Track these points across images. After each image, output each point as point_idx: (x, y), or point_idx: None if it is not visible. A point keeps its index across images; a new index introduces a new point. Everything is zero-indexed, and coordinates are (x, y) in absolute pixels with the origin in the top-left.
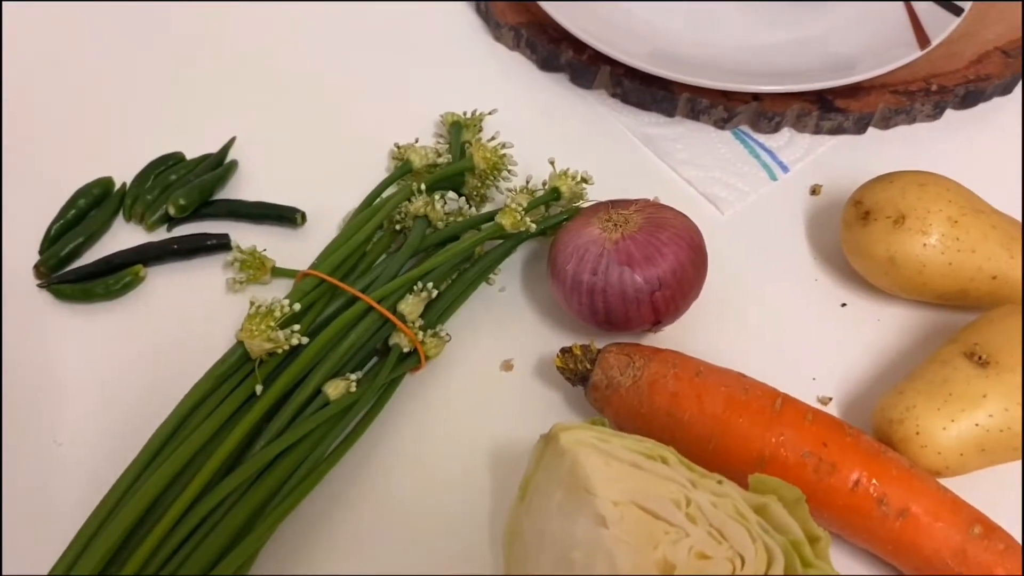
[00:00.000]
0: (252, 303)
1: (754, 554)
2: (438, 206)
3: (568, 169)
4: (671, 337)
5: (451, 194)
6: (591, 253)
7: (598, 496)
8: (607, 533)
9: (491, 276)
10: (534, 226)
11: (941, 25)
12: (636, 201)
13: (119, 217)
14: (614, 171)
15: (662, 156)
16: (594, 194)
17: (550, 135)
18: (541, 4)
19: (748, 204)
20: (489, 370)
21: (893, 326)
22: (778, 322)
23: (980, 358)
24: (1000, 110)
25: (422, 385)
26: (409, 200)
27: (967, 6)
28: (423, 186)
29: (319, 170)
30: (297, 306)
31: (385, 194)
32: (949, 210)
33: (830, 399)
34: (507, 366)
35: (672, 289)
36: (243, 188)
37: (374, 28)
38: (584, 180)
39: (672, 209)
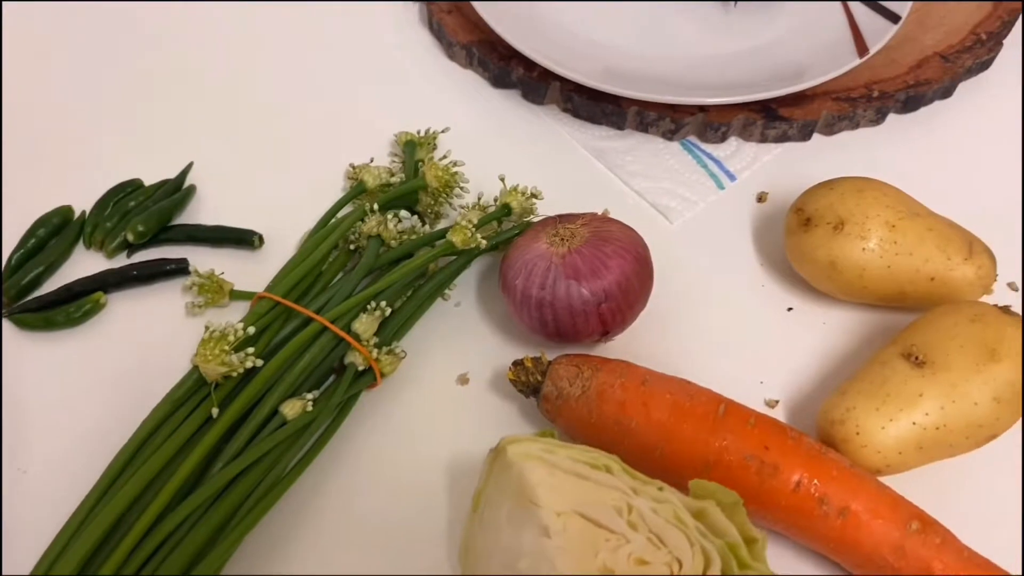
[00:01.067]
0: (207, 328)
1: (691, 557)
2: (391, 225)
3: (518, 185)
4: (623, 346)
5: (404, 212)
6: (539, 268)
7: (542, 507)
8: (550, 543)
9: (446, 291)
10: (484, 242)
11: (879, 33)
12: (583, 215)
13: (79, 244)
14: (566, 184)
15: (613, 169)
16: (548, 208)
17: (504, 150)
18: (491, 24)
19: (697, 213)
20: (446, 384)
21: (837, 328)
22: (727, 328)
23: (917, 358)
24: (940, 113)
25: (380, 401)
26: (363, 220)
27: (905, 12)
28: (376, 206)
29: (276, 192)
30: (251, 329)
31: (340, 214)
32: (886, 215)
33: (777, 402)
34: (463, 380)
35: (618, 300)
36: (202, 212)
37: (329, 48)
38: (534, 195)
39: (618, 222)
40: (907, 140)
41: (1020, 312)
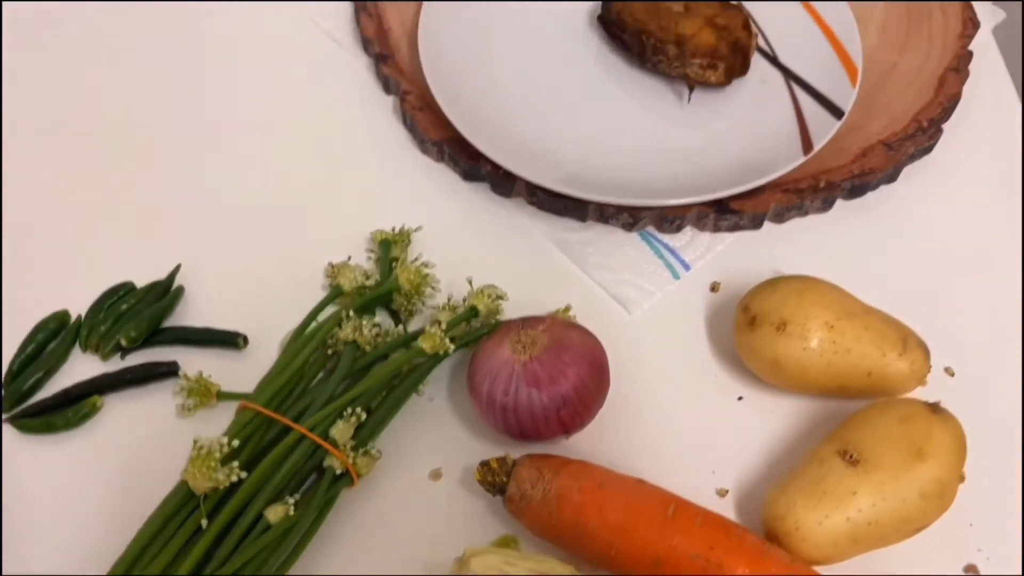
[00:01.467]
0: (195, 442)
1: None
2: (365, 331)
3: (484, 288)
4: (584, 439)
5: (377, 320)
6: (503, 375)
7: None
8: None
9: (420, 387)
10: (452, 347)
11: (824, 129)
12: (544, 319)
13: (76, 347)
14: (533, 275)
15: (576, 260)
16: (516, 296)
17: (474, 241)
18: (458, 127)
19: (654, 303)
20: (419, 480)
21: (784, 417)
22: (681, 417)
23: (851, 456)
24: (886, 197)
25: (358, 498)
26: (339, 326)
27: (848, 106)
28: (351, 312)
29: (260, 291)
30: (236, 442)
31: (320, 316)
32: (825, 315)
33: (727, 491)
34: (436, 475)
35: (576, 405)
36: (190, 311)
37: (307, 143)
38: (500, 297)
39: (577, 328)
40: (854, 225)
41: (949, 408)
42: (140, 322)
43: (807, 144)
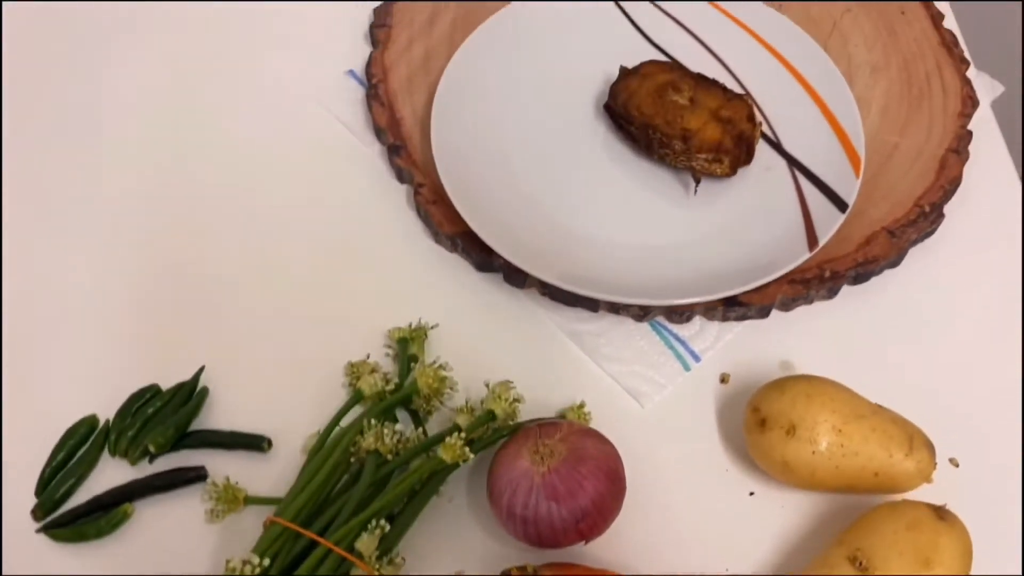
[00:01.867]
0: (227, 563)
1: None
2: (387, 440)
3: (501, 391)
4: (601, 540)
5: (399, 426)
6: (522, 487)
7: None
8: None
9: (440, 488)
10: (472, 456)
11: (829, 223)
12: (561, 426)
13: (105, 452)
14: (546, 367)
15: (588, 352)
16: (530, 387)
17: (489, 332)
18: (470, 224)
19: (665, 396)
20: None
21: (795, 512)
22: (694, 514)
23: (860, 563)
24: (890, 282)
25: None
26: (361, 434)
27: (852, 199)
28: (373, 420)
29: (281, 391)
30: (267, 561)
31: (343, 420)
32: (833, 419)
33: None
34: None
35: (594, 516)
36: (214, 412)
37: (324, 239)
38: (516, 400)
39: (593, 436)
40: (859, 310)
41: (953, 506)
42: (167, 428)
43: (812, 239)
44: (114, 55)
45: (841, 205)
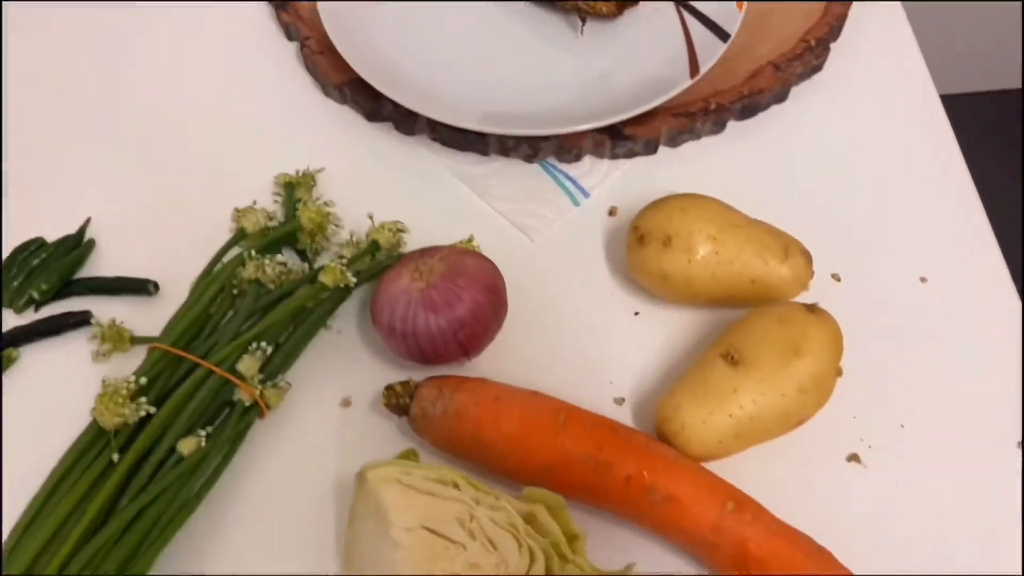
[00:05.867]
0: (103, 382)
1: (518, 557)
2: (268, 269)
3: (386, 223)
4: (486, 360)
5: (280, 257)
6: (401, 303)
7: (394, 524)
8: (399, 556)
9: (328, 322)
10: (353, 280)
11: (711, 52)
12: (442, 249)
13: None
14: (439, 209)
15: (479, 193)
16: (423, 231)
17: (380, 180)
18: (357, 70)
19: (555, 230)
20: (330, 408)
21: (678, 329)
22: (580, 334)
23: (732, 358)
24: (776, 117)
25: (272, 427)
26: (242, 265)
27: (735, 29)
28: (253, 251)
29: (169, 240)
30: (143, 380)
31: (225, 259)
32: (708, 228)
33: (624, 399)
34: (346, 403)
35: (472, 327)
36: (102, 264)
37: (211, 92)
38: (400, 230)
39: (473, 254)
40: (746, 145)
41: (826, 308)
42: (51, 275)
43: (695, 67)
44: None
45: (723, 35)
